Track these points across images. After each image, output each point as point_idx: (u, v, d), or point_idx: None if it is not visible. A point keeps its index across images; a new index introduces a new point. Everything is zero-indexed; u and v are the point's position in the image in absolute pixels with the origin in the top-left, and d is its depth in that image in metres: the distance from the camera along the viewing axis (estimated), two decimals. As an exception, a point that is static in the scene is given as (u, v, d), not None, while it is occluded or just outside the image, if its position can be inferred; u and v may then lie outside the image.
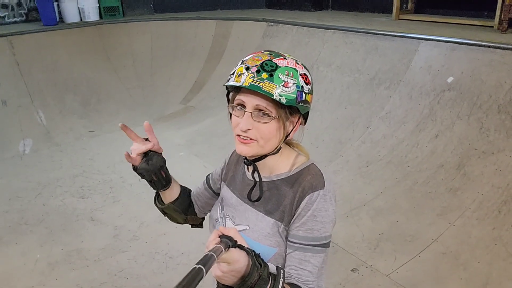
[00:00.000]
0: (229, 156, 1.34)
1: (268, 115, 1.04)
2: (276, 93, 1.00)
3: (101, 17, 6.91)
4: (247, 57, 1.07)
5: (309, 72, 1.10)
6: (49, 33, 6.04)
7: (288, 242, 1.09)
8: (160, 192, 1.32)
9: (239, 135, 1.07)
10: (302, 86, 1.05)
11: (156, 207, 1.40)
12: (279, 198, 1.11)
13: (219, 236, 0.95)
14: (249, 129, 1.05)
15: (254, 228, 1.12)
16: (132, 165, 1.21)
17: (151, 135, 1.21)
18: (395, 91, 4.19)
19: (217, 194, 1.34)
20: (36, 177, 4.35)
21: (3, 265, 3.03)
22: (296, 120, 1.11)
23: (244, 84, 1.01)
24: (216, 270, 0.92)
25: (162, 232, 3.33)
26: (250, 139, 1.06)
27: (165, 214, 1.39)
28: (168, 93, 6.43)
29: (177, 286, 0.73)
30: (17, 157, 4.84)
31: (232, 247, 0.92)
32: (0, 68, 5.37)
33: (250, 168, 1.18)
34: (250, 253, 0.95)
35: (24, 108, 5.37)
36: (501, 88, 3.43)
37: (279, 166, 1.15)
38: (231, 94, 1.13)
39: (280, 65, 1.04)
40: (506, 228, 2.82)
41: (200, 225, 1.47)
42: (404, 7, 5.76)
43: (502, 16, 4.21)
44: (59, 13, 6.62)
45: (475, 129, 3.45)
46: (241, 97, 1.06)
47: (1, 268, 3.00)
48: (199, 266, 0.79)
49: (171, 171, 1.30)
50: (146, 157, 1.19)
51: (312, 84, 1.11)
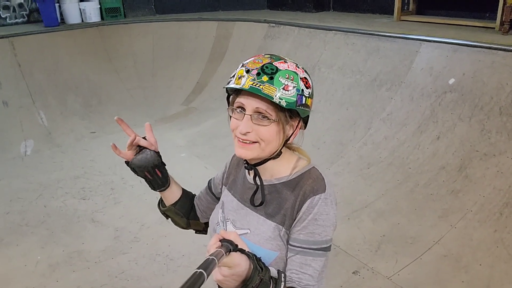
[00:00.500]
0: (230, 160, 1.34)
1: (268, 118, 1.04)
2: (276, 96, 1.00)
3: (102, 18, 6.92)
4: (247, 60, 1.07)
5: (309, 76, 1.10)
6: (50, 34, 6.04)
7: (289, 246, 1.09)
8: (159, 192, 1.33)
9: (239, 139, 1.07)
10: (302, 90, 1.05)
11: (158, 211, 1.42)
12: (280, 202, 1.11)
13: (219, 240, 0.94)
14: (249, 132, 1.04)
15: (255, 232, 1.12)
16: (126, 161, 1.23)
17: (149, 134, 1.24)
18: (396, 93, 4.18)
19: (218, 199, 1.34)
20: (37, 178, 4.35)
21: (3, 267, 3.03)
22: (296, 124, 1.11)
23: (244, 86, 1.01)
24: (217, 274, 0.91)
25: (163, 234, 3.33)
26: (251, 142, 1.06)
27: (167, 217, 1.41)
28: (169, 94, 6.43)
29: (178, 291, 0.72)
30: (18, 158, 4.84)
31: (233, 251, 0.91)
32: (2, 69, 5.38)
33: (252, 172, 1.17)
34: (251, 257, 0.94)
35: (25, 109, 5.37)
36: (503, 90, 3.42)
37: (280, 170, 1.15)
38: (231, 97, 1.12)
39: (281, 68, 1.03)
40: (507, 231, 2.81)
41: (203, 231, 1.47)
42: (405, 8, 5.75)
43: (504, 17, 4.20)
44: (61, 14, 6.63)
45: (476, 131, 3.44)
46: (241, 100, 1.06)
47: (2, 269, 3.00)
48: (200, 270, 0.78)
49: (172, 172, 1.31)
50: (139, 152, 1.21)
51: (313, 88, 1.10)
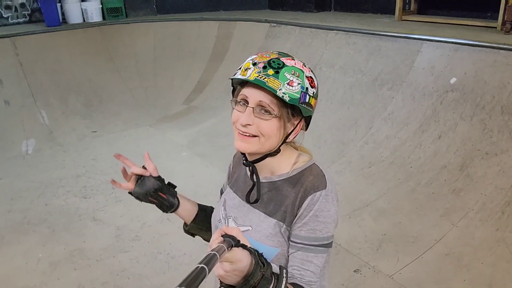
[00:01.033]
0: (232, 160, 1.34)
1: (270, 113, 1.03)
2: (280, 90, 1.00)
3: (104, 18, 6.92)
4: (255, 55, 1.08)
5: (315, 77, 1.10)
6: (52, 34, 6.05)
7: (290, 243, 1.09)
8: (173, 213, 1.35)
9: (239, 132, 1.07)
10: (307, 88, 1.05)
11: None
12: (280, 199, 1.11)
13: (221, 236, 0.94)
14: (249, 124, 1.04)
15: (257, 229, 1.12)
16: (129, 191, 1.29)
17: (147, 162, 1.29)
18: (397, 92, 4.18)
19: None
20: (39, 177, 4.36)
21: (5, 265, 3.03)
22: (297, 122, 1.10)
23: (249, 78, 1.02)
24: (218, 270, 0.91)
25: (164, 232, 3.33)
26: (251, 135, 1.06)
27: (193, 235, 1.43)
28: (170, 94, 6.43)
29: (180, 285, 0.72)
30: (20, 157, 4.85)
31: (235, 246, 0.91)
32: (4, 69, 5.38)
33: (250, 169, 1.17)
34: (253, 252, 0.94)
35: (27, 108, 5.38)
36: (505, 89, 3.42)
37: (280, 167, 1.14)
38: (236, 90, 1.12)
39: (287, 64, 1.04)
40: (509, 230, 2.81)
41: None
42: (406, 8, 5.74)
43: (506, 17, 4.19)
44: (62, 14, 6.63)
45: (478, 130, 3.44)
46: (245, 92, 1.06)
47: (3, 267, 3.01)
48: (202, 265, 0.78)
49: (173, 171, 1.31)
50: (138, 181, 1.27)
51: (318, 89, 1.10)
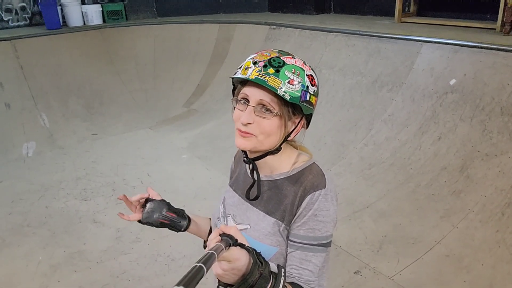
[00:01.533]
0: (233, 160, 1.35)
1: (271, 111, 1.04)
2: (280, 88, 1.01)
3: (104, 21, 6.94)
4: (255, 53, 1.08)
5: (316, 75, 1.10)
6: (52, 37, 6.07)
7: (289, 242, 1.09)
8: (189, 232, 1.36)
9: (240, 130, 1.07)
10: (308, 86, 1.05)
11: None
12: (280, 198, 1.11)
13: (219, 235, 0.95)
14: (250, 123, 1.04)
15: (255, 228, 1.12)
16: (138, 220, 1.31)
17: (149, 190, 1.32)
18: (397, 94, 4.18)
19: None
20: (39, 179, 4.36)
21: (5, 267, 3.03)
22: (298, 120, 1.10)
23: (250, 77, 1.02)
24: (216, 269, 0.91)
25: (164, 235, 3.32)
26: (250, 133, 1.06)
27: None
28: (171, 96, 6.44)
29: (178, 285, 0.72)
30: (20, 160, 4.86)
31: (233, 245, 0.91)
32: (4, 72, 5.40)
33: (250, 167, 1.17)
34: (251, 251, 0.94)
35: (28, 111, 5.38)
36: (504, 90, 3.42)
37: (280, 165, 1.15)
38: (236, 89, 1.13)
39: (288, 63, 1.04)
40: (509, 231, 2.80)
41: None
42: (406, 10, 5.76)
43: (505, 18, 4.20)
44: (63, 17, 6.65)
45: (478, 131, 3.44)
46: (245, 91, 1.06)
47: (4, 270, 3.01)
48: (200, 264, 0.78)
49: (173, 174, 1.32)
50: (144, 208, 1.30)
51: (318, 87, 1.10)
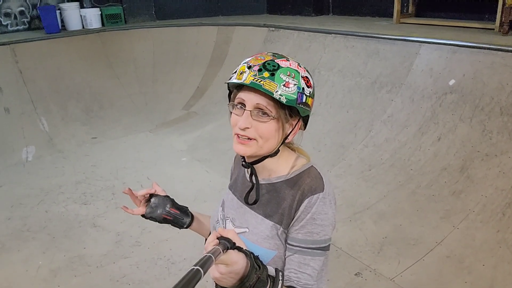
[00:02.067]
0: (233, 163, 1.35)
1: (268, 115, 1.03)
2: (276, 92, 1.00)
3: (103, 24, 6.94)
4: (250, 58, 1.08)
5: (311, 76, 1.10)
6: (51, 40, 6.07)
7: (287, 245, 1.08)
8: (191, 229, 1.39)
9: (238, 135, 1.06)
10: (303, 88, 1.05)
11: None
12: (278, 201, 1.10)
13: (217, 238, 0.94)
14: (248, 127, 1.04)
15: (254, 231, 1.11)
16: (141, 215, 1.36)
17: (155, 186, 1.37)
18: (397, 95, 4.18)
19: None
20: (39, 183, 4.36)
21: (5, 272, 3.02)
22: (296, 122, 1.10)
23: (245, 81, 1.02)
24: (214, 272, 0.91)
25: (164, 238, 3.32)
26: (249, 138, 1.05)
27: None
28: (170, 99, 6.44)
29: (174, 288, 0.72)
30: (20, 164, 4.85)
31: (230, 248, 0.91)
32: (3, 76, 5.40)
33: (249, 170, 1.17)
34: (249, 254, 0.94)
35: (27, 115, 5.38)
36: (503, 90, 3.42)
37: (278, 169, 1.14)
38: (232, 94, 1.12)
39: (282, 66, 1.04)
40: (510, 231, 2.80)
41: None
42: (404, 11, 5.77)
43: (503, 18, 4.20)
44: (62, 21, 6.65)
45: (477, 131, 3.43)
46: (241, 96, 1.06)
47: (3, 275, 3.00)
48: (197, 267, 0.78)
49: (173, 176, 1.33)
50: (149, 203, 1.34)
51: (314, 89, 1.10)
